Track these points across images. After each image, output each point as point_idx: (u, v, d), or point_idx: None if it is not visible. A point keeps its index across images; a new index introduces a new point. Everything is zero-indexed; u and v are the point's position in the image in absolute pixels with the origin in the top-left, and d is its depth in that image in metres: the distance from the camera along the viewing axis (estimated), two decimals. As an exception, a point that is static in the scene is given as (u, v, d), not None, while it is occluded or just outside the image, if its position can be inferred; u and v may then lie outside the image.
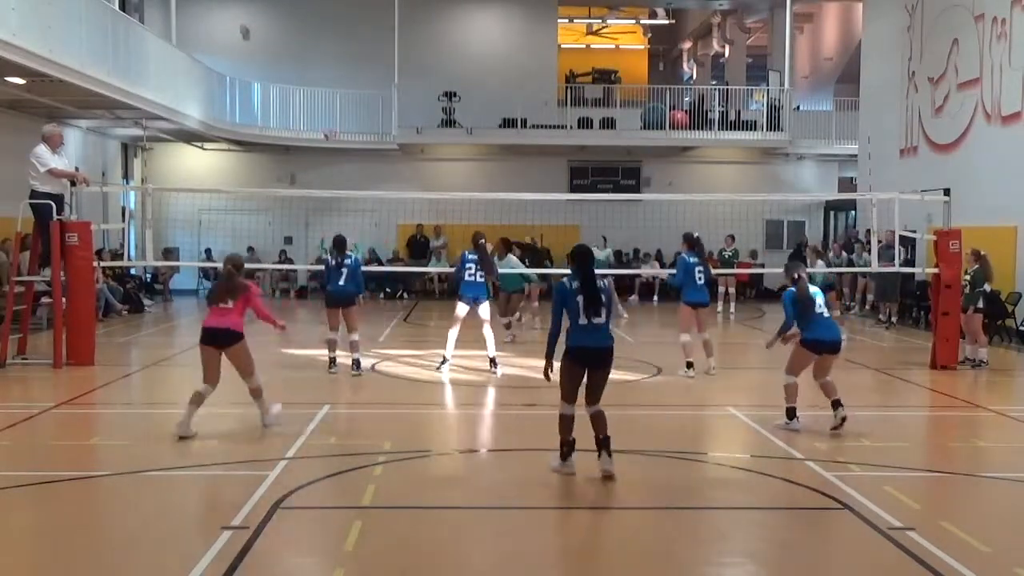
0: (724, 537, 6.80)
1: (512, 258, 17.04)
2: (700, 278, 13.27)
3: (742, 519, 7.21)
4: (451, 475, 8.44)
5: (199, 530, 6.47)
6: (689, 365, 13.15)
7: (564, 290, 7.91)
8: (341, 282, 13.07)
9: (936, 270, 14.46)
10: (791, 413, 9.93)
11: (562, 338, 7.95)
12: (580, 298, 7.83)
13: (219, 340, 9.38)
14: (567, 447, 7.96)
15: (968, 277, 14.53)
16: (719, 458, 8.91)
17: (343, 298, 13.13)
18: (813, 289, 9.86)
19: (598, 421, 7.88)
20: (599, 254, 24.32)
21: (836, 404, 9.82)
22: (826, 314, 9.87)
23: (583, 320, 7.82)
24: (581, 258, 7.98)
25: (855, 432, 9.89)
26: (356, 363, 13.22)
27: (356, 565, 5.94)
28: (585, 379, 7.90)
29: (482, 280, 13.31)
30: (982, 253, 14.60)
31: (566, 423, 7.95)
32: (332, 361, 13.30)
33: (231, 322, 9.38)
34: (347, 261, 13.18)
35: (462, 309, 13.30)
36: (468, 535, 6.74)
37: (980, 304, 14.47)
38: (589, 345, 7.83)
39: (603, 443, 7.86)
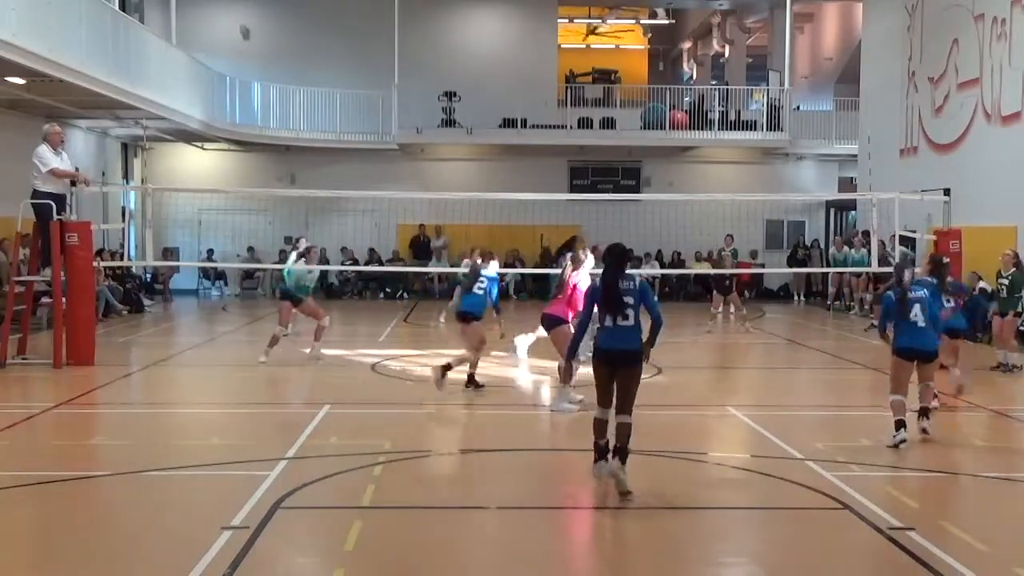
0: (724, 537, 6.81)
1: None
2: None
3: (742, 519, 7.22)
4: (451, 475, 8.44)
5: (199, 530, 6.47)
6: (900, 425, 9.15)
7: (595, 288, 7.79)
8: None
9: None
10: (898, 425, 9.05)
11: None
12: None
13: None
14: (597, 451, 7.63)
15: (1006, 281, 14.46)
16: (719, 458, 8.91)
17: None
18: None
19: (619, 431, 7.51)
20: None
21: (923, 411, 9.37)
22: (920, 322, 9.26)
23: (608, 321, 7.58)
24: (607, 257, 7.74)
25: (855, 432, 9.89)
26: None
27: (356, 565, 5.94)
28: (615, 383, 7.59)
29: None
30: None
31: (596, 426, 7.65)
32: None
33: None
34: None
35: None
36: (468, 535, 6.74)
37: (1019, 308, 14.46)
38: (610, 347, 7.56)
39: (616, 451, 7.48)
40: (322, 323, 14.26)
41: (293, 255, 14.61)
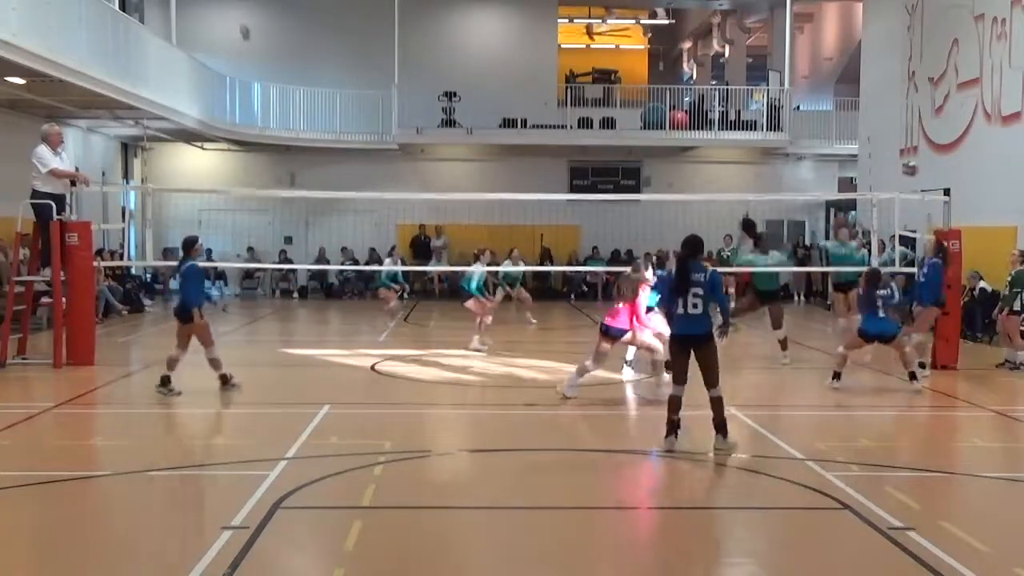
0: (724, 537, 6.81)
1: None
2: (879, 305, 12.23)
3: (742, 519, 7.21)
4: (451, 475, 8.44)
5: (199, 530, 6.47)
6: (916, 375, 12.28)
7: (666, 279, 8.99)
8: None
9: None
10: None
11: None
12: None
13: None
14: (670, 425, 8.60)
15: (1010, 278, 14.54)
16: (719, 458, 8.90)
17: (177, 312, 11.67)
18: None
19: (712, 405, 8.59)
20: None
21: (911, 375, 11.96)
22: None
23: (679, 309, 8.55)
24: (683, 248, 8.68)
25: (855, 432, 9.89)
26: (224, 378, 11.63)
27: (356, 565, 5.94)
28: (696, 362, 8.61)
29: None
30: None
31: (671, 402, 8.69)
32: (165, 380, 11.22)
33: None
34: (183, 268, 11.61)
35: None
36: (468, 535, 6.74)
37: (1018, 306, 14.50)
38: (682, 333, 8.60)
39: (717, 426, 8.59)
40: (486, 319, 15.57)
41: (478, 265, 15.85)
